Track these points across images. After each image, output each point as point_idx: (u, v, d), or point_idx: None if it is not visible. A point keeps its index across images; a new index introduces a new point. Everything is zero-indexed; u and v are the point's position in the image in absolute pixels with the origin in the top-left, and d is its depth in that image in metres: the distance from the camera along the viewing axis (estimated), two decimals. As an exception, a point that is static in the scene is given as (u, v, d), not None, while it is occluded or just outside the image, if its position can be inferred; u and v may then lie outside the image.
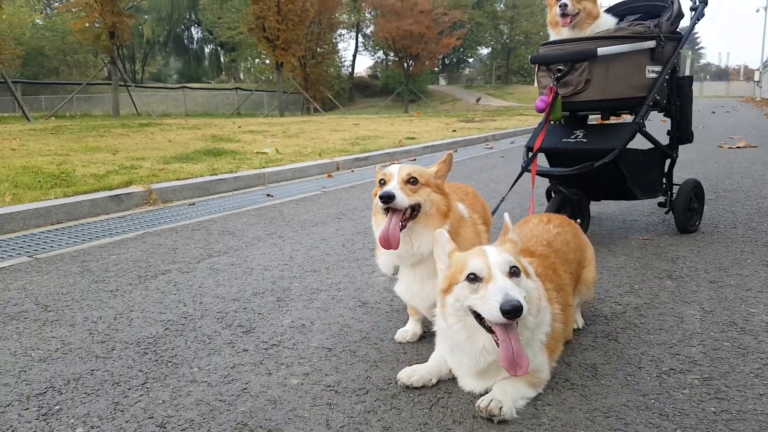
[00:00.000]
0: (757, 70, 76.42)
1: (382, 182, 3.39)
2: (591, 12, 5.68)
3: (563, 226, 3.81)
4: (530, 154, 5.62)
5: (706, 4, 5.88)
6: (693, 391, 2.91)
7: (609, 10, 6.11)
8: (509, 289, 2.56)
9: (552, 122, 5.77)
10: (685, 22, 5.86)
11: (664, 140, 6.03)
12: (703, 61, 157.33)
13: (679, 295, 4.30)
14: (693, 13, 5.91)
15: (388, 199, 3.18)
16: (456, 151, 16.29)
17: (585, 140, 5.65)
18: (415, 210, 3.32)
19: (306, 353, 3.48)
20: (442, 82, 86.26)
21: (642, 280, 4.67)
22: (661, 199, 6.21)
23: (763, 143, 15.02)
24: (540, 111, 5.49)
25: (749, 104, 45.49)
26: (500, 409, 2.69)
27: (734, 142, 15.09)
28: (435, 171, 3.48)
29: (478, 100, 59.87)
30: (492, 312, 2.55)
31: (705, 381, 3.00)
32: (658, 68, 5.52)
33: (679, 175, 6.44)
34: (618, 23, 5.83)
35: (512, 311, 2.48)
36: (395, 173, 3.35)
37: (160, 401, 2.95)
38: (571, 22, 5.62)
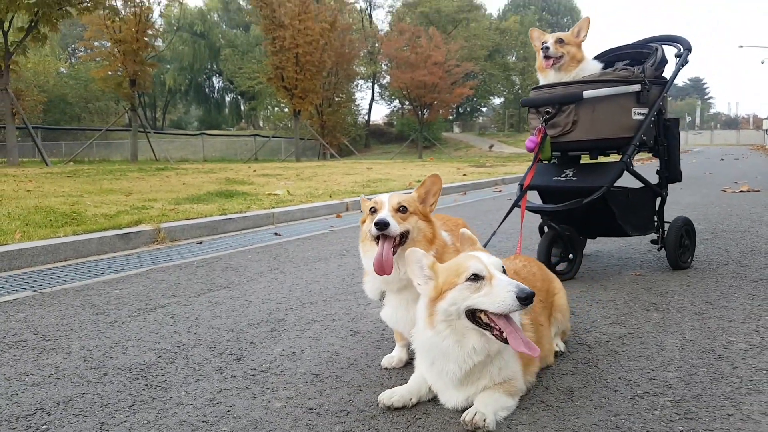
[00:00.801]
0: (765, 119, 76.57)
1: (373, 210, 3.48)
2: (575, 56, 5.81)
3: (529, 261, 4.01)
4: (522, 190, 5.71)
5: (690, 51, 5.98)
6: (664, 411, 2.93)
7: (598, 57, 6.25)
8: (516, 282, 2.75)
9: (542, 161, 5.84)
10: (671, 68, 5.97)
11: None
12: (713, 111, 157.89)
13: (663, 325, 4.32)
14: (678, 59, 6.00)
15: (383, 226, 3.28)
16: (465, 193, 16.38)
17: (575, 178, 5.74)
18: (404, 237, 3.40)
19: (292, 379, 3.52)
20: (456, 129, 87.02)
21: (629, 312, 4.69)
22: (654, 236, 6.24)
23: (766, 187, 15.01)
24: (530, 151, 5.60)
25: (758, 152, 45.52)
26: (484, 421, 2.77)
27: (738, 186, 15.11)
28: (416, 196, 3.56)
29: (491, 147, 60.19)
30: (506, 302, 2.70)
31: (677, 403, 3.03)
32: (644, 110, 5.62)
33: (679, 216, 6.44)
34: (604, 68, 5.93)
35: (529, 297, 2.67)
36: (386, 201, 3.44)
37: (146, 422, 2.99)
38: (553, 64, 5.78)
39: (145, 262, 7.11)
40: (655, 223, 6.15)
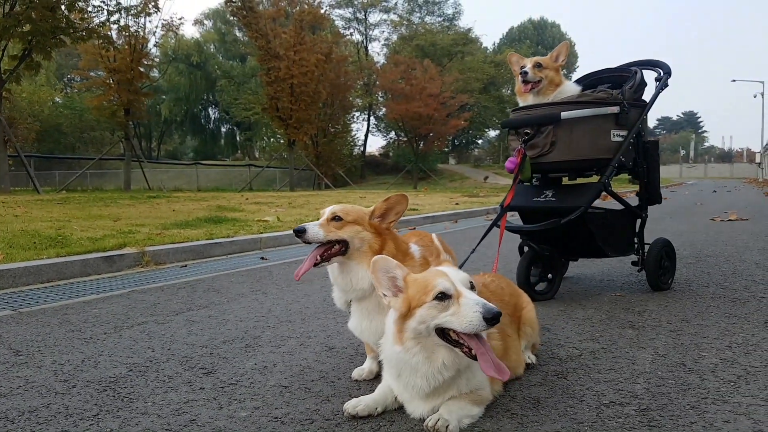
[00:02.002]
0: (759, 152, 76.99)
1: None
2: (553, 80, 5.88)
3: (497, 277, 4.05)
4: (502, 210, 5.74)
5: (670, 75, 6.04)
6: (627, 420, 2.94)
7: (579, 81, 6.31)
8: (483, 300, 2.71)
9: (522, 182, 5.88)
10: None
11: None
12: (707, 144, 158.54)
13: (636, 341, 4.33)
14: (657, 83, 6.06)
15: (298, 232, 3.50)
16: (456, 221, 16.43)
17: (554, 199, 5.78)
18: (343, 246, 3.48)
19: (261, 390, 3.52)
20: (452, 161, 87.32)
21: (604, 329, 4.70)
22: (635, 258, 6.25)
23: (755, 217, 15.12)
24: (510, 171, 5.65)
25: (751, 185, 45.73)
26: (447, 427, 2.77)
27: (727, 216, 15.17)
28: (371, 211, 3.61)
29: (486, 178, 60.33)
30: (473, 323, 2.66)
31: (641, 411, 3.04)
32: (623, 132, 5.64)
33: (659, 238, 6.46)
34: (583, 91, 5.98)
35: (495, 317, 2.63)
36: (326, 211, 3.59)
37: (108, 430, 2.99)
38: (532, 89, 5.86)
39: (127, 284, 7.11)
40: (635, 245, 6.16)
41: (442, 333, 2.79)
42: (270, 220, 13.83)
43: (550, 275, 5.91)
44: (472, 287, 2.86)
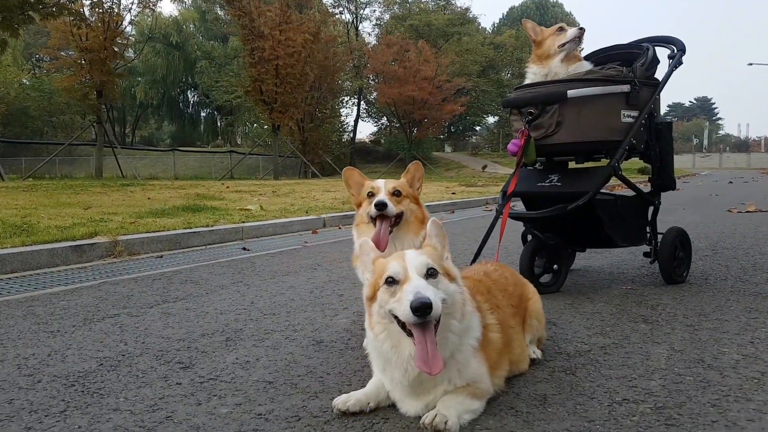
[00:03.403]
0: (777, 141, 77.16)
1: (371, 194, 4.10)
2: (576, 54, 5.82)
3: (500, 267, 4.01)
4: (505, 197, 5.69)
5: (684, 52, 5.98)
6: (642, 418, 2.90)
7: (587, 57, 6.22)
8: (421, 287, 2.63)
9: (526, 166, 5.82)
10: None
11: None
12: (722, 132, 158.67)
13: (651, 336, 4.29)
14: (671, 60, 5.99)
15: (382, 206, 3.94)
16: (453, 212, 16.39)
17: (559, 184, 5.71)
18: (398, 218, 4.04)
19: (243, 386, 3.47)
20: (448, 149, 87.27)
21: (615, 323, 4.66)
22: (647, 248, 6.21)
23: (774, 207, 15.08)
24: (513, 154, 5.59)
25: (770, 175, 45.74)
26: (445, 423, 2.71)
27: (744, 207, 15.17)
28: (405, 182, 4.22)
29: (485, 167, 60.27)
30: (405, 311, 2.61)
31: (657, 410, 2.99)
32: (634, 113, 5.58)
33: (673, 226, 6.41)
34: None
35: (421, 308, 2.54)
36: (382, 186, 4.09)
37: (77, 426, 2.93)
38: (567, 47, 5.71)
39: (98, 275, 7.05)
40: (648, 234, 6.11)
41: (399, 320, 2.74)
42: (252, 209, 13.78)
43: (555, 266, 5.85)
44: (431, 273, 2.77)
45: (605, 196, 5.80)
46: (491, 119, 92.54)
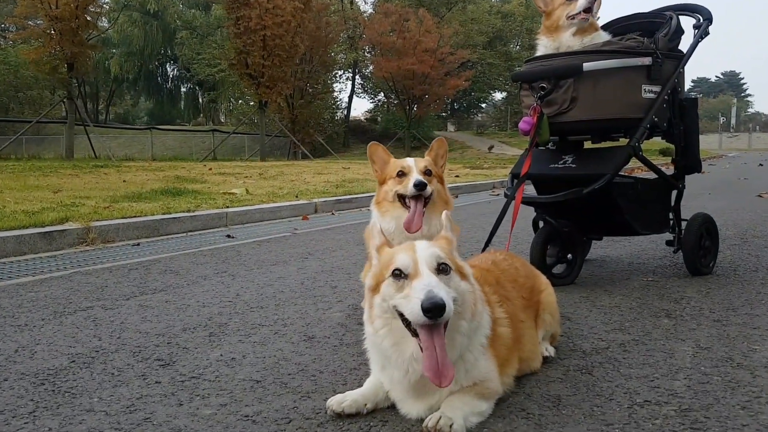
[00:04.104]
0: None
1: (401, 173, 4.38)
2: (592, 23, 5.77)
3: (510, 256, 4.00)
4: (515, 181, 5.66)
5: (711, 21, 5.93)
6: (666, 421, 2.89)
7: (604, 27, 6.18)
8: (433, 285, 2.57)
9: (538, 146, 5.79)
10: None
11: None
12: (751, 110, 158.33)
13: (674, 332, 4.29)
14: (696, 31, 5.95)
15: (422, 186, 4.24)
16: (456, 196, 16.34)
17: (574, 165, 5.69)
18: (426, 199, 4.33)
19: (228, 385, 3.46)
20: (451, 128, 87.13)
21: (635, 318, 4.66)
22: (669, 236, 6.20)
23: (811, 192, 15.08)
24: (524, 133, 5.56)
25: (805, 157, 45.72)
26: (450, 426, 2.68)
27: (777, 192, 15.17)
28: (431, 160, 4.53)
29: (491, 148, 60.30)
30: (414, 311, 2.55)
31: (682, 412, 2.99)
32: (656, 88, 5.55)
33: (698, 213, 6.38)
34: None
35: (434, 310, 2.49)
36: (413, 166, 4.37)
37: (47, 429, 2.93)
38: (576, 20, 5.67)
39: (69, 264, 7.04)
40: (671, 221, 6.10)
41: (405, 318, 2.69)
42: (237, 192, 13.77)
43: (569, 256, 5.84)
44: (443, 269, 2.73)
45: (624, 179, 5.79)
46: (499, 95, 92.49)
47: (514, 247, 7.27)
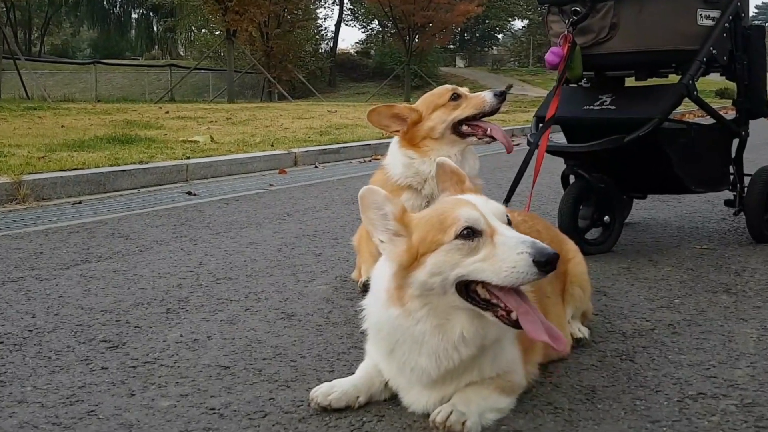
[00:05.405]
0: None
1: (456, 96, 4.52)
2: None
3: (531, 217, 3.93)
4: (540, 126, 5.63)
5: None
6: (724, 418, 2.89)
7: None
8: (530, 238, 2.58)
9: (569, 83, 5.76)
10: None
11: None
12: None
13: (734, 311, 4.29)
14: None
15: (503, 95, 4.52)
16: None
17: (613, 107, 5.64)
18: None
19: (190, 372, 3.46)
20: (460, 63, 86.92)
21: (687, 294, 4.67)
22: (730, 195, 6.18)
23: None
24: (552, 67, 5.51)
25: None
26: (463, 423, 2.67)
27: None
28: None
29: (509, 87, 59.79)
30: (518, 269, 2.50)
31: (744, 407, 2.99)
32: (714, 13, 5.49)
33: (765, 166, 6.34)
34: None
35: (550, 260, 2.50)
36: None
37: (-32, 424, 2.92)
38: None
39: (-5, 226, 7.03)
40: (731, 176, 6.08)
41: (466, 289, 2.67)
42: (200, 140, 13.71)
43: (606, 218, 5.81)
44: (510, 225, 2.72)
45: (675, 125, 5.75)
46: (519, 23, 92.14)
47: (536, 208, 7.27)
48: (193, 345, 3.83)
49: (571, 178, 5.98)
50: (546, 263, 2.47)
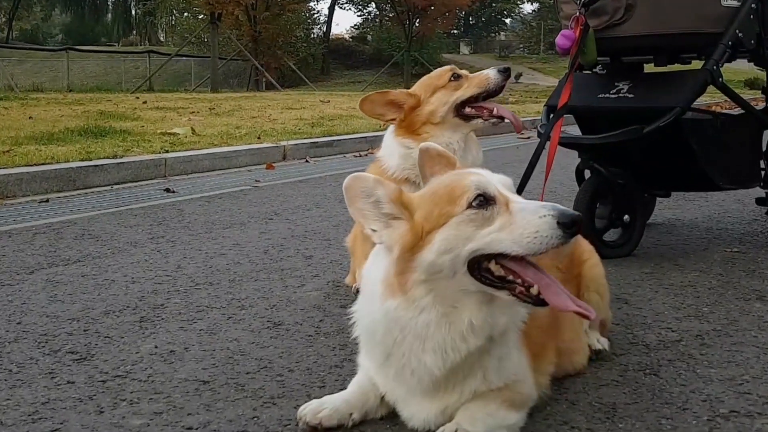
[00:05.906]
0: None
1: (456, 76, 4.52)
2: None
3: None
4: (552, 116, 5.59)
5: None
6: (759, 439, 2.85)
7: None
8: (547, 203, 2.56)
9: (582, 69, 5.72)
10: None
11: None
12: None
13: (769, 321, 4.25)
14: None
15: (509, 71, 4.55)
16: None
17: (631, 95, 5.61)
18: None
19: (165, 387, 3.41)
20: (465, 50, 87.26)
21: (716, 302, 4.64)
22: (762, 193, 6.16)
23: None
24: (563, 51, 5.46)
25: None
26: None
27: None
28: None
29: (519, 76, 60.28)
30: (542, 233, 2.47)
31: (781, 427, 2.94)
32: None
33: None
34: None
35: (578, 221, 2.49)
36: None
37: None
38: None
39: (-47, 226, 7.00)
40: (762, 172, 6.05)
41: (478, 268, 2.62)
42: (180, 133, 13.70)
43: (626, 217, 5.77)
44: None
45: (699, 115, 5.71)
46: (528, 7, 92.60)
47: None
48: (169, 357, 3.79)
49: (587, 174, 5.92)
50: (572, 223, 2.46)
